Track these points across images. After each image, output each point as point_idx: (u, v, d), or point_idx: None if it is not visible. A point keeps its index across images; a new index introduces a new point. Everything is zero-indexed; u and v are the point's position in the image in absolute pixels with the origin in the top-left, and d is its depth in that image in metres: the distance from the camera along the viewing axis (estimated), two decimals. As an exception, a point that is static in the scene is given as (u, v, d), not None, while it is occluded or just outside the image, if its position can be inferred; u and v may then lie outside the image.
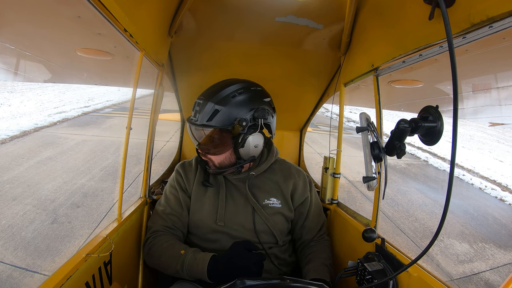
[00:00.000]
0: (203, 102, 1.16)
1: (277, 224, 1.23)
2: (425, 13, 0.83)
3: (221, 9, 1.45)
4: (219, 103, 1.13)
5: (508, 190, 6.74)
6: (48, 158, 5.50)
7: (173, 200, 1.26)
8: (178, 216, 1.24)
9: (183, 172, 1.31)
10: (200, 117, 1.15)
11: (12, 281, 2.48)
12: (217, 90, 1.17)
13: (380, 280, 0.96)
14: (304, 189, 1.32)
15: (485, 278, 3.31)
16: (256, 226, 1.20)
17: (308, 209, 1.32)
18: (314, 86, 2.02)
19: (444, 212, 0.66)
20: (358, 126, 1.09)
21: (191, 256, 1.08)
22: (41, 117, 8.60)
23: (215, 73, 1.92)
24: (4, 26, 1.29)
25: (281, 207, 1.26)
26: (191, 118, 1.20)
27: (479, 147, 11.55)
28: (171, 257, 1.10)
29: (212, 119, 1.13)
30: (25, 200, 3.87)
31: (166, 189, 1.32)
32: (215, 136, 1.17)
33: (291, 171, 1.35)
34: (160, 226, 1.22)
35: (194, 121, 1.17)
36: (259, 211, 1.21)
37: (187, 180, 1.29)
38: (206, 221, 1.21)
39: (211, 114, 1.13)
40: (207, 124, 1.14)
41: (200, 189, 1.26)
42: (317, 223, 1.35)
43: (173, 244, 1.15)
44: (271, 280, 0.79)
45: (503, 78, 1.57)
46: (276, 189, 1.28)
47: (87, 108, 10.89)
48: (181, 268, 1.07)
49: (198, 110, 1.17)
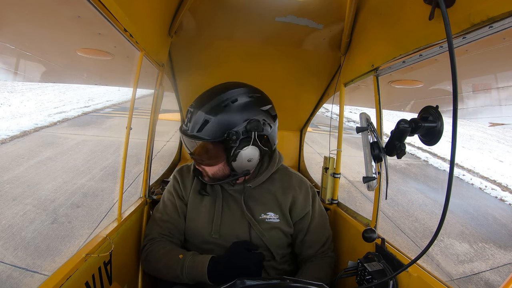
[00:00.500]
0: (193, 110, 1.07)
1: (273, 239, 1.17)
2: (425, 13, 0.83)
3: (221, 9, 1.45)
4: (209, 112, 1.04)
5: (508, 190, 6.74)
6: (48, 158, 5.51)
7: (170, 207, 1.23)
8: (174, 223, 1.21)
9: (180, 178, 1.26)
10: (190, 127, 1.07)
11: (12, 281, 2.49)
12: (209, 97, 1.08)
13: (380, 280, 0.96)
14: (304, 203, 1.22)
15: (485, 278, 3.31)
16: (252, 240, 1.16)
17: (309, 224, 1.23)
18: (314, 86, 2.02)
19: (443, 212, 0.67)
20: (358, 126, 1.09)
21: (190, 259, 1.07)
22: (41, 117, 8.60)
23: (215, 73, 1.92)
24: (4, 26, 1.29)
25: (279, 222, 1.18)
26: (183, 127, 1.12)
27: (479, 147, 11.54)
28: (170, 262, 1.09)
29: (202, 130, 1.04)
30: (25, 200, 3.87)
31: (164, 195, 1.29)
32: (208, 146, 1.07)
33: (292, 183, 1.24)
34: (157, 233, 1.20)
35: (185, 130, 1.09)
36: (254, 227, 1.15)
37: (184, 187, 1.25)
38: (201, 231, 1.18)
39: (201, 124, 1.04)
40: (197, 135, 1.05)
41: (196, 197, 1.22)
42: (320, 238, 1.25)
43: (170, 250, 1.13)
44: (271, 280, 0.79)
45: (503, 78, 1.57)
46: (273, 202, 1.20)
47: (87, 108, 10.90)
48: (181, 272, 1.06)
49: (189, 119, 1.08)
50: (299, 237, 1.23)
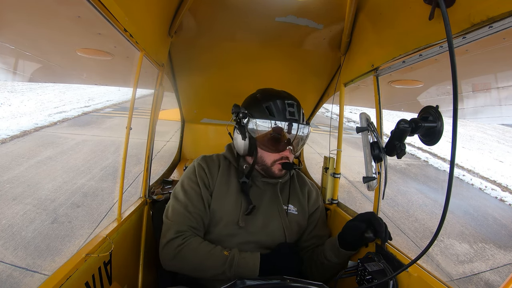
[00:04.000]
0: (292, 102, 1.17)
1: (292, 232, 1.23)
2: (425, 13, 0.83)
3: (221, 9, 1.45)
4: (298, 104, 1.20)
5: (508, 190, 6.74)
6: (48, 157, 5.51)
7: (194, 197, 1.16)
8: (201, 215, 1.15)
9: (206, 167, 1.21)
10: (301, 117, 1.18)
11: (12, 281, 2.48)
12: (285, 92, 1.22)
13: (380, 280, 0.96)
14: (316, 198, 1.33)
15: (485, 278, 3.31)
16: (273, 230, 1.19)
17: (318, 218, 1.32)
18: (314, 86, 2.02)
19: (444, 212, 0.66)
20: (358, 126, 1.09)
21: (238, 255, 1.06)
22: (41, 116, 8.60)
23: (215, 72, 1.92)
24: (4, 26, 1.29)
25: (297, 215, 1.25)
26: (287, 118, 1.15)
27: (479, 148, 11.54)
28: (213, 259, 1.06)
29: (302, 118, 1.20)
30: (25, 199, 3.87)
31: (184, 184, 1.19)
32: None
33: (304, 179, 1.36)
34: (186, 226, 1.11)
35: (297, 120, 1.16)
36: (283, 219, 1.20)
37: (211, 176, 1.20)
38: (228, 219, 1.16)
39: (301, 113, 1.19)
40: (306, 122, 1.20)
41: (222, 187, 1.20)
42: (325, 232, 1.34)
43: (208, 245, 1.09)
44: (271, 280, 0.79)
45: (503, 78, 1.57)
46: (295, 196, 1.28)
47: (87, 108, 10.89)
48: (229, 269, 1.04)
49: (295, 110, 1.16)
50: (308, 229, 1.29)
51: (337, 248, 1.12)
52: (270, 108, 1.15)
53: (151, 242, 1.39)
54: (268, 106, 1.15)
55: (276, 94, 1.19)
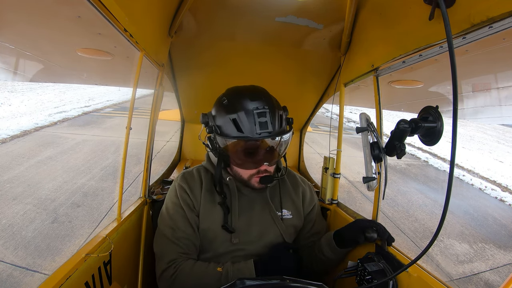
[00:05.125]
0: (265, 110, 1.01)
1: (289, 235, 1.20)
2: (425, 13, 0.83)
3: (221, 9, 1.45)
4: (278, 108, 1.07)
5: (508, 190, 6.74)
6: (49, 157, 5.51)
7: (181, 221, 1.11)
8: (190, 239, 1.11)
9: (188, 187, 1.14)
10: (276, 126, 1.03)
11: (13, 280, 2.49)
12: (264, 95, 1.07)
13: (380, 280, 0.96)
14: (311, 196, 1.30)
15: (485, 278, 3.31)
16: (271, 238, 1.16)
17: (316, 215, 1.31)
18: (314, 86, 2.02)
19: (443, 212, 0.66)
20: (358, 127, 1.09)
21: (232, 268, 1.04)
22: (41, 116, 8.60)
23: (215, 72, 1.92)
24: (4, 26, 1.29)
25: (292, 218, 1.21)
26: (257, 132, 1.00)
27: (479, 148, 11.54)
28: (207, 279, 1.03)
29: (282, 125, 1.07)
30: (25, 199, 3.87)
31: (168, 207, 1.15)
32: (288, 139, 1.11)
33: (297, 180, 1.31)
34: (175, 253, 1.08)
35: (270, 132, 1.01)
36: (279, 224, 1.17)
37: (193, 197, 1.13)
38: (221, 238, 1.12)
39: (279, 120, 1.05)
40: (284, 130, 1.08)
41: (208, 205, 1.13)
42: (323, 226, 1.34)
43: (201, 266, 1.07)
44: (271, 280, 0.79)
45: (503, 78, 1.57)
46: (287, 199, 1.24)
47: (88, 108, 10.90)
48: (225, 284, 1.03)
49: (269, 119, 1.01)
50: (306, 228, 1.28)
51: (333, 245, 1.13)
52: (237, 122, 1.01)
53: (151, 242, 1.39)
54: (235, 119, 1.01)
55: (243, 100, 1.03)
